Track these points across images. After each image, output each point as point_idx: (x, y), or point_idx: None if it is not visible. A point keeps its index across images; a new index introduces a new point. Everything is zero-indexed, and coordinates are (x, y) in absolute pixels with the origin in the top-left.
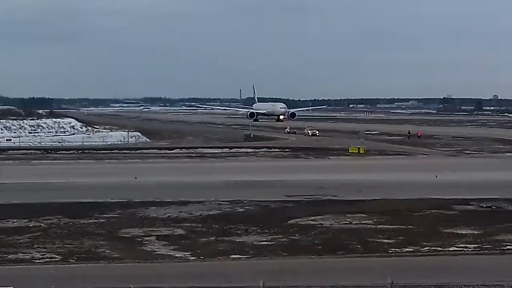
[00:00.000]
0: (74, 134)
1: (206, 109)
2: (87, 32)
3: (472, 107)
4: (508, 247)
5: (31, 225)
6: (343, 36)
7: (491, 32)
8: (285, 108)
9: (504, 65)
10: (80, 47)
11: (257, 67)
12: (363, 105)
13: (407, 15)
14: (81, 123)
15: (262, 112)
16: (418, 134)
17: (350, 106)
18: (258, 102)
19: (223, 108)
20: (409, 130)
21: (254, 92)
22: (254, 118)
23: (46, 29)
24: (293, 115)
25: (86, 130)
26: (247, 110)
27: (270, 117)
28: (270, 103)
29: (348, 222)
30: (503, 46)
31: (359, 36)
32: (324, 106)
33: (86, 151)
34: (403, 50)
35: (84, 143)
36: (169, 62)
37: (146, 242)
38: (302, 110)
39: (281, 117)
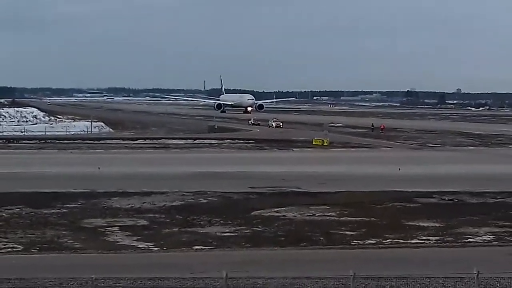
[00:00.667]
0: (36, 123)
1: (170, 100)
2: (50, 20)
3: (435, 101)
4: (469, 239)
5: None
6: (307, 28)
7: (454, 24)
8: (253, 99)
9: (467, 58)
10: (43, 35)
11: (221, 58)
12: (327, 97)
13: (372, 7)
14: (44, 113)
15: (230, 103)
16: (381, 127)
17: (314, 98)
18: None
19: (189, 99)
20: (372, 123)
21: (222, 83)
22: (222, 109)
23: (8, 16)
24: (260, 106)
25: (49, 120)
26: (214, 101)
27: (238, 108)
28: (237, 94)
29: (311, 214)
30: (465, 39)
31: (324, 28)
32: (292, 98)
33: (49, 141)
34: (367, 42)
35: (47, 133)
36: (133, 52)
37: (108, 232)
38: (270, 102)
39: (249, 108)
